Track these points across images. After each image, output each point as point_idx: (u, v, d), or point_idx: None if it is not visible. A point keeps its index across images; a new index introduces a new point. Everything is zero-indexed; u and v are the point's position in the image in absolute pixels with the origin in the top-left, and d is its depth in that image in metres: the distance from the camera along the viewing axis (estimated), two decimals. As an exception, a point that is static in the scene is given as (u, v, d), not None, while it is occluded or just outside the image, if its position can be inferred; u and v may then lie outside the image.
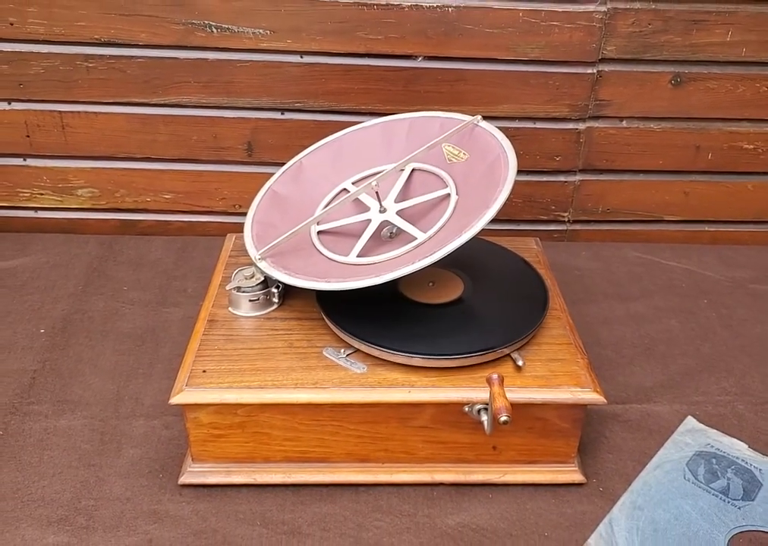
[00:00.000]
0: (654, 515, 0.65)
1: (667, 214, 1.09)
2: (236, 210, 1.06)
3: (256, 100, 0.97)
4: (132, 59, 0.94)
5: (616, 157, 1.03)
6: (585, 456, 0.71)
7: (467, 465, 0.68)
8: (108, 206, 1.06)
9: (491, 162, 0.70)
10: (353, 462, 0.67)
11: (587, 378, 0.64)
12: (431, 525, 0.64)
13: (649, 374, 0.82)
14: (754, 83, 0.99)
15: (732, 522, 0.64)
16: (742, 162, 1.05)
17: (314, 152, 0.81)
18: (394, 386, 0.63)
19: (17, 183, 1.04)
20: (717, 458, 0.71)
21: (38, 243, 1.02)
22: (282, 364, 0.65)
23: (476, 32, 0.93)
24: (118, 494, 0.66)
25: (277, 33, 0.93)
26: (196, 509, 0.65)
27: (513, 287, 0.74)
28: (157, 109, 0.98)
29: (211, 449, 0.66)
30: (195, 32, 0.92)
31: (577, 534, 0.63)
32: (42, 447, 0.70)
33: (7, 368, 0.79)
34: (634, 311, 0.92)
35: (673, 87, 0.99)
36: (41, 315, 0.88)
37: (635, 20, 0.93)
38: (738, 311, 0.94)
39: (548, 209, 1.08)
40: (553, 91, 0.98)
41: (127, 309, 0.89)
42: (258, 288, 0.71)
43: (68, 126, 0.99)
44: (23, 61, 0.94)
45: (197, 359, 0.65)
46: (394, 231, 0.73)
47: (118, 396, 0.76)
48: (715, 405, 0.78)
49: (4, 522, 0.62)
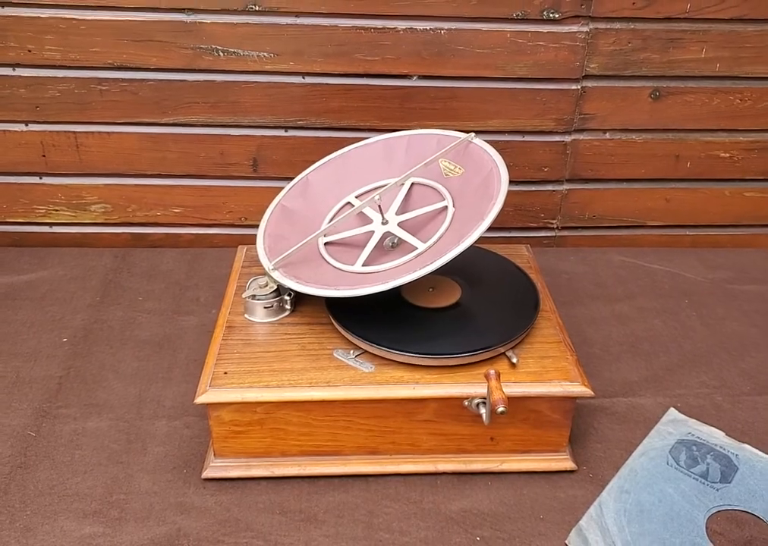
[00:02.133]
0: (640, 498, 0.70)
1: (649, 219, 1.15)
2: (242, 222, 1.12)
3: (260, 118, 1.03)
4: (143, 82, 1.00)
5: (600, 167, 1.09)
6: (576, 445, 0.76)
7: (467, 455, 0.73)
8: (120, 221, 1.11)
9: (484, 177, 0.76)
10: (363, 454, 0.72)
11: (575, 373, 0.70)
12: (436, 510, 0.69)
13: (634, 369, 0.88)
14: (728, 96, 1.05)
15: (711, 502, 0.70)
16: (719, 170, 1.11)
17: (319, 168, 0.86)
18: (399, 383, 0.68)
19: (33, 200, 1.09)
20: (697, 445, 0.76)
21: (54, 257, 1.07)
22: (297, 365, 0.70)
23: (468, 52, 0.99)
24: (146, 488, 0.71)
25: (280, 56, 0.98)
26: (220, 500, 0.70)
27: (506, 290, 0.79)
28: (167, 128, 1.03)
29: (232, 445, 0.71)
30: (203, 56, 0.98)
31: (570, 516, 0.69)
32: (73, 446, 0.75)
33: (35, 374, 0.84)
34: (619, 311, 0.98)
35: (653, 101, 1.05)
36: (62, 325, 0.93)
37: (616, 39, 1.00)
38: (717, 310, 0.99)
39: (537, 217, 1.14)
40: (540, 106, 1.04)
41: (143, 318, 0.94)
42: (271, 296, 0.76)
43: (82, 145, 1.04)
44: (40, 85, 0.99)
45: (218, 362, 0.70)
46: (395, 241, 0.78)
47: (141, 399, 0.81)
48: (695, 397, 0.84)
49: (44, 516, 0.67)
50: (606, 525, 0.67)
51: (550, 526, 0.68)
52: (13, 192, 1.08)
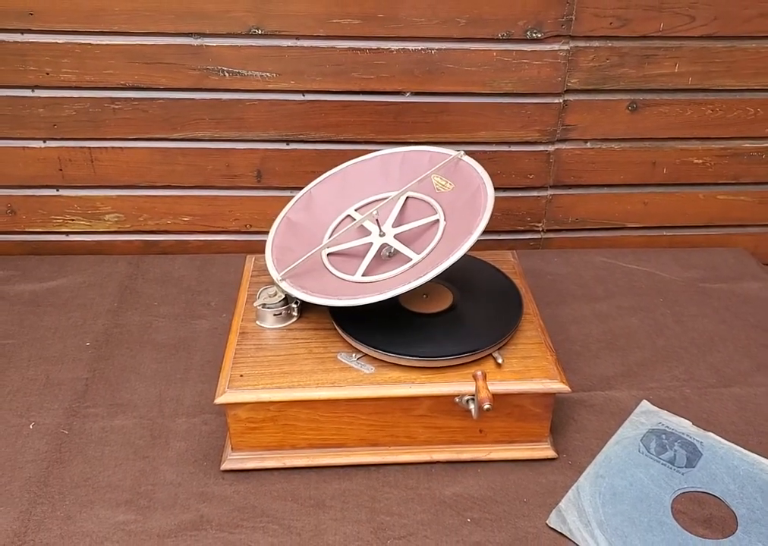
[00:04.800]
0: (613, 482, 0.78)
1: (629, 222, 1.21)
2: (248, 229, 1.19)
3: (264, 133, 1.09)
4: (154, 101, 1.06)
5: (582, 174, 1.16)
6: (556, 435, 0.83)
7: (458, 446, 0.80)
8: (133, 229, 1.18)
9: (473, 192, 0.83)
10: (365, 446, 0.79)
11: (554, 372, 0.77)
12: (431, 495, 0.77)
13: (610, 365, 0.94)
14: (700, 107, 1.11)
15: (677, 485, 0.78)
16: (693, 175, 1.17)
17: (322, 183, 0.93)
18: (397, 383, 0.75)
19: (50, 211, 1.15)
20: (666, 434, 0.84)
21: (72, 264, 1.13)
22: (305, 367, 0.77)
23: (457, 70, 1.05)
24: (170, 479, 0.78)
25: (282, 76, 1.05)
26: (237, 489, 0.77)
27: (493, 296, 0.86)
28: (176, 143, 1.09)
29: (247, 439, 0.78)
30: (209, 76, 1.04)
31: (550, 499, 0.76)
32: (103, 443, 0.82)
33: (63, 377, 0.91)
34: (599, 310, 1.05)
35: (630, 112, 1.11)
36: (84, 330, 1.00)
37: (595, 56, 1.06)
38: (689, 308, 1.06)
39: (524, 221, 1.21)
40: (525, 119, 1.10)
41: (159, 322, 1.01)
42: (280, 304, 0.83)
43: (97, 160, 1.11)
44: (57, 105, 1.05)
45: (234, 366, 0.77)
46: (392, 252, 0.85)
47: (161, 399, 0.88)
48: (666, 390, 0.91)
49: (81, 505, 0.75)
50: (583, 507, 0.75)
51: (533, 508, 0.75)
52: (31, 204, 1.14)
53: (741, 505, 0.76)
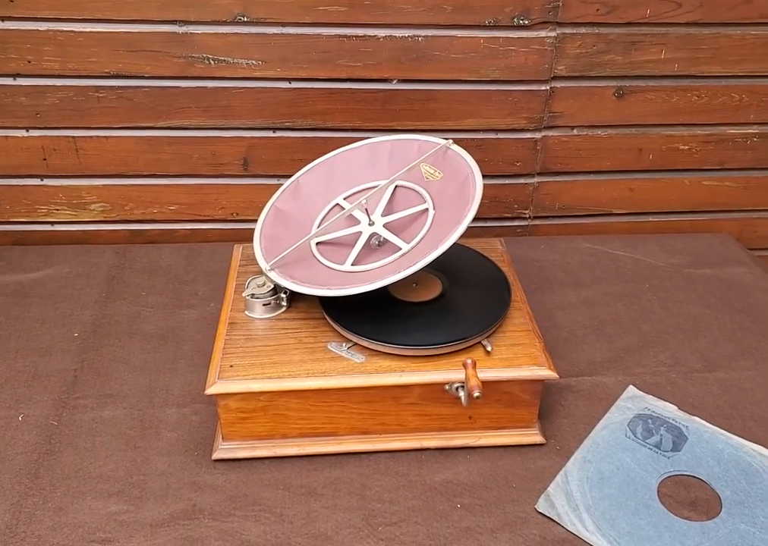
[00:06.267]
0: (600, 467, 0.79)
1: (615, 208, 1.22)
2: (234, 218, 1.18)
3: (250, 121, 1.09)
4: (139, 89, 1.05)
5: (569, 161, 1.16)
6: (544, 421, 0.84)
7: (448, 433, 0.81)
8: (119, 218, 1.17)
9: (462, 182, 0.83)
10: (356, 434, 0.80)
11: (543, 359, 0.78)
12: (421, 482, 0.77)
13: (597, 350, 0.95)
14: (686, 93, 1.12)
15: (663, 468, 0.79)
16: (679, 161, 1.18)
17: (309, 172, 0.92)
18: (388, 372, 0.76)
19: (35, 201, 1.14)
20: (652, 419, 0.86)
21: (58, 255, 1.12)
22: (295, 357, 0.78)
23: (444, 57, 1.05)
24: (162, 469, 0.78)
25: (268, 63, 1.04)
26: (229, 479, 0.77)
27: (482, 284, 0.87)
28: (162, 132, 1.09)
29: (238, 429, 0.78)
30: (195, 64, 1.03)
31: (539, 484, 0.77)
32: (93, 434, 0.82)
33: (51, 368, 0.91)
34: (586, 296, 1.05)
35: (616, 99, 1.12)
36: (72, 321, 0.99)
37: (581, 43, 1.06)
38: (675, 293, 1.07)
39: (511, 208, 1.21)
40: (512, 106, 1.10)
41: (147, 312, 1.01)
42: (269, 294, 0.83)
43: (81, 149, 1.10)
44: (40, 93, 1.04)
45: (224, 356, 0.78)
46: (381, 240, 0.85)
47: (151, 389, 0.88)
48: (652, 375, 0.92)
49: (72, 496, 0.75)
50: (571, 491, 0.76)
51: (522, 493, 0.76)
52: (15, 193, 1.13)
53: (725, 487, 0.77)
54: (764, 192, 1.23)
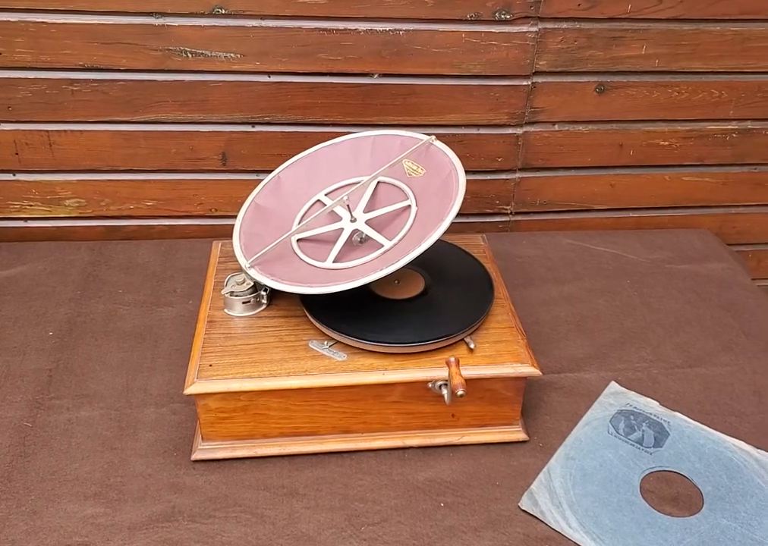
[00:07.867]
0: (583, 463, 0.79)
1: (596, 204, 1.23)
2: (212, 213, 1.17)
3: (229, 115, 1.07)
4: (114, 82, 1.03)
5: (550, 156, 1.16)
6: (527, 418, 0.84)
7: (431, 431, 0.80)
8: (94, 214, 1.15)
9: (444, 178, 0.82)
10: (338, 433, 0.79)
11: (525, 356, 0.78)
12: (404, 481, 0.77)
13: (579, 347, 0.96)
14: (667, 89, 1.12)
15: (645, 464, 0.79)
16: (659, 157, 1.19)
17: (290, 167, 0.91)
18: (370, 370, 0.75)
19: (7, 196, 1.11)
20: (634, 415, 0.86)
21: (32, 252, 1.10)
22: (275, 356, 0.77)
23: (425, 52, 1.04)
24: (140, 471, 0.77)
25: (246, 56, 1.02)
26: (209, 479, 0.76)
27: (465, 281, 0.86)
28: (138, 126, 1.07)
29: (218, 429, 0.77)
30: (172, 57, 1.01)
31: (522, 481, 0.77)
32: (69, 435, 0.80)
33: (25, 368, 0.89)
34: (567, 292, 1.05)
35: (598, 95, 1.12)
36: (47, 319, 0.97)
37: (563, 38, 1.06)
38: (656, 289, 1.07)
39: (493, 203, 1.21)
40: (494, 101, 1.10)
41: (124, 310, 0.99)
42: (249, 292, 0.82)
43: (55, 143, 1.07)
44: (11, 86, 1.01)
45: (203, 356, 0.76)
46: (363, 237, 0.84)
47: (128, 389, 0.87)
48: (634, 371, 0.92)
49: (47, 499, 0.73)
50: (554, 488, 0.76)
51: (505, 491, 0.76)
52: (-13, 189, 1.11)
53: (706, 483, 0.77)
54: (743, 188, 1.24)
